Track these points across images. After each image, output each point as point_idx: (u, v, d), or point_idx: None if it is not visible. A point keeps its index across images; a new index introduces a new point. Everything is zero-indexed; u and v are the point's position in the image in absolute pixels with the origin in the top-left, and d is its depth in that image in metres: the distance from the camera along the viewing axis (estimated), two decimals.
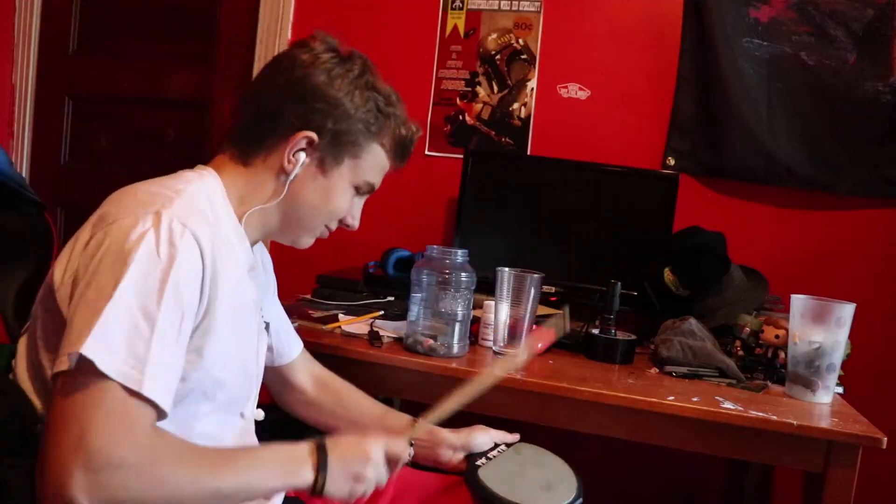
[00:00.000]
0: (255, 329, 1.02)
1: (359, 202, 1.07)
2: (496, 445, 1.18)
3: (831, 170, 1.84)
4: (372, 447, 0.91)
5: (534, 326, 1.43)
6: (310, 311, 1.59)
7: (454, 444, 1.16)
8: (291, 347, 1.22)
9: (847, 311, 1.30)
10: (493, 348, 1.43)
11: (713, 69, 1.88)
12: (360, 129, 0.98)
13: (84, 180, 2.46)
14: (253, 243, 1.01)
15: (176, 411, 0.84)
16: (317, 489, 0.86)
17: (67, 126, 2.52)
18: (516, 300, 1.38)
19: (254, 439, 1.06)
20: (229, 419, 0.98)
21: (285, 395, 1.22)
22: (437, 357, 1.36)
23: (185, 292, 0.80)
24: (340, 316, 1.57)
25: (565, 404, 1.27)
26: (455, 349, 1.38)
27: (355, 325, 1.50)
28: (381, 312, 1.61)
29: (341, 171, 0.99)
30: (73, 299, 0.78)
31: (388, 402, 2.02)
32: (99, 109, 2.49)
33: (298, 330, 1.45)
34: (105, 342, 0.73)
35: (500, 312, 1.41)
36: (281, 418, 1.22)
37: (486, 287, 1.48)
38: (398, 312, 1.59)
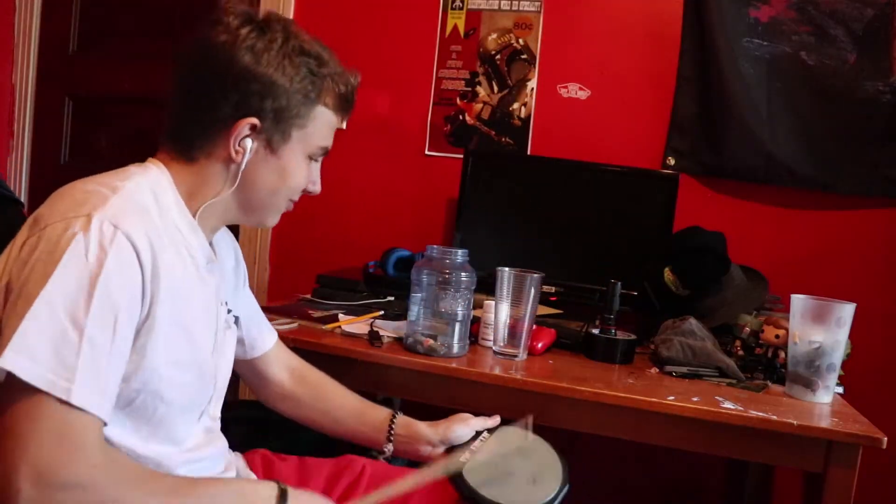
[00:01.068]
0: (213, 324, 0.99)
1: (316, 167, 1.03)
2: (477, 434, 1.16)
3: (831, 170, 1.84)
4: None
5: (534, 327, 1.44)
6: (310, 311, 1.59)
7: (432, 439, 1.14)
8: (264, 340, 1.19)
9: (847, 311, 1.30)
10: (493, 348, 1.43)
11: (713, 69, 1.88)
12: (300, 99, 0.94)
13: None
14: (211, 234, 0.99)
15: (131, 414, 0.84)
16: None
17: (67, 126, 2.53)
18: (516, 300, 1.38)
19: (220, 440, 1.04)
20: (190, 419, 0.95)
21: (262, 389, 1.20)
22: (438, 357, 1.36)
23: (117, 296, 0.77)
24: (340, 316, 1.57)
25: (565, 404, 1.27)
26: (455, 349, 1.38)
27: (355, 325, 1.50)
28: (382, 312, 1.61)
29: (292, 146, 0.96)
30: (6, 307, 0.76)
31: (388, 402, 2.03)
32: (99, 109, 2.49)
33: (299, 330, 1.46)
34: (28, 351, 0.71)
35: (500, 312, 1.41)
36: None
37: (486, 287, 1.48)
38: (398, 312, 1.59)
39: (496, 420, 1.19)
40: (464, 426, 1.15)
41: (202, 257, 0.95)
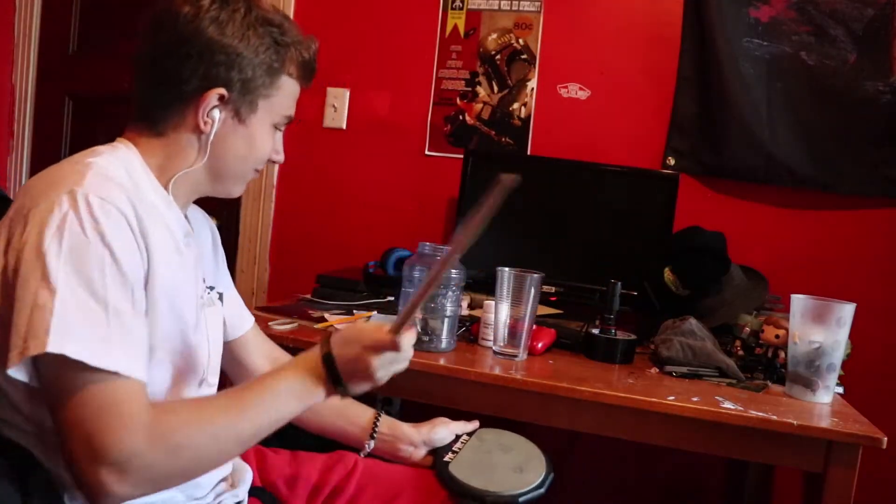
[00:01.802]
0: (193, 298, 0.98)
1: (279, 136, 1.03)
2: (458, 437, 1.18)
3: (831, 170, 1.84)
4: (375, 368, 0.88)
5: (534, 327, 1.44)
6: (309, 311, 1.59)
7: (414, 440, 1.16)
8: (243, 321, 1.18)
9: (847, 311, 1.30)
10: (493, 348, 1.43)
11: (713, 69, 1.88)
12: (265, 69, 0.94)
13: None
14: (183, 207, 0.99)
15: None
16: (341, 397, 0.88)
17: (67, 126, 2.53)
18: (516, 300, 1.38)
19: None
20: (191, 391, 0.96)
21: (241, 378, 1.18)
22: (425, 351, 1.36)
23: (123, 260, 0.79)
24: (326, 315, 1.56)
25: (565, 404, 1.27)
26: (443, 343, 1.39)
27: (348, 324, 1.50)
28: (375, 312, 1.61)
29: (259, 116, 0.96)
30: (13, 300, 0.75)
31: (388, 401, 2.03)
32: (99, 109, 2.49)
33: (298, 330, 1.46)
34: (68, 334, 0.73)
35: (500, 312, 1.41)
36: None
37: (486, 287, 1.48)
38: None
39: (476, 424, 1.22)
40: (445, 428, 1.18)
41: (179, 231, 0.95)
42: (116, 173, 0.87)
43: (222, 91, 0.92)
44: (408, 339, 0.90)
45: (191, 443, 0.77)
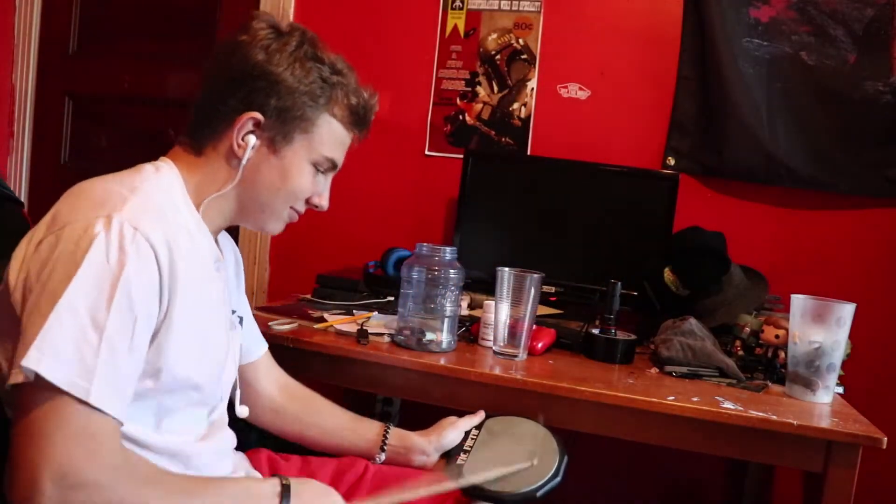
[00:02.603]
0: (224, 324, 1.00)
1: (324, 181, 1.04)
2: (467, 434, 1.18)
3: (831, 170, 1.84)
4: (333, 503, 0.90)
5: (534, 327, 1.44)
6: (309, 311, 1.59)
7: (426, 449, 1.16)
8: (257, 346, 1.20)
9: (847, 311, 1.30)
10: (493, 348, 1.43)
11: (713, 69, 1.88)
12: (306, 101, 0.95)
13: (84, 180, 2.46)
14: (215, 233, 1.00)
15: (146, 408, 0.85)
16: None
17: (67, 126, 2.53)
18: (516, 300, 1.38)
19: (227, 434, 1.05)
20: (201, 415, 0.97)
21: (251, 402, 1.16)
22: (426, 352, 1.37)
23: (137, 298, 0.79)
24: (326, 315, 1.56)
25: (565, 404, 1.27)
26: (444, 344, 1.39)
27: (348, 324, 1.50)
28: (375, 312, 1.61)
29: (294, 149, 0.97)
30: (26, 304, 0.77)
31: (388, 402, 2.03)
32: (99, 109, 2.49)
33: (298, 330, 1.46)
34: (52, 352, 0.72)
35: (500, 312, 1.41)
36: None
37: (487, 287, 1.48)
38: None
39: (482, 415, 1.22)
40: (453, 430, 1.17)
41: (210, 257, 0.96)
42: (160, 201, 0.88)
43: (257, 115, 0.93)
44: None
45: (137, 502, 0.76)
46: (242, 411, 1.09)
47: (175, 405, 0.90)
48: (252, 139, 0.94)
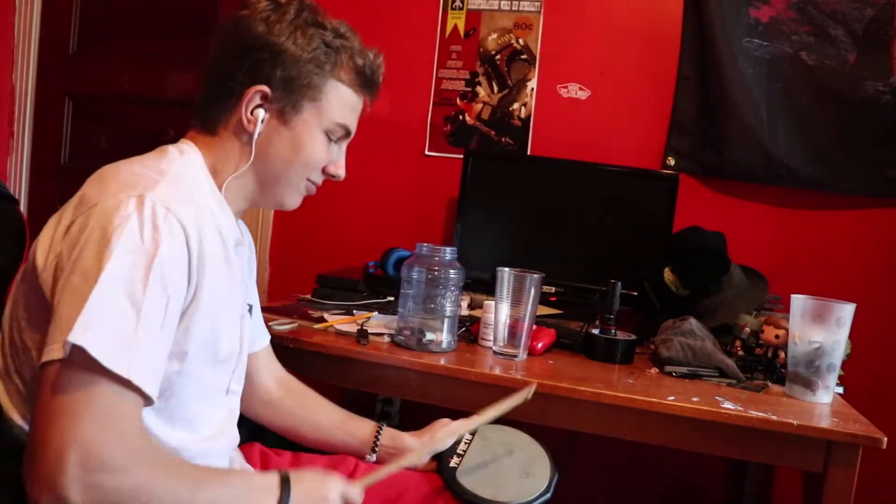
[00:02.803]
0: (239, 308, 1.00)
1: (338, 149, 1.03)
2: (460, 437, 1.18)
3: (831, 170, 1.84)
4: (331, 489, 0.91)
5: (534, 327, 1.44)
6: (309, 311, 1.59)
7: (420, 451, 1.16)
8: (262, 336, 1.20)
9: (847, 311, 1.30)
10: (493, 348, 1.43)
11: (713, 69, 1.88)
12: (312, 69, 0.95)
13: (84, 180, 2.46)
14: (237, 214, 1.00)
15: (164, 398, 0.85)
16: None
17: (67, 126, 2.53)
18: (516, 300, 1.38)
19: (233, 428, 1.05)
20: (214, 403, 0.98)
21: (248, 394, 1.15)
22: (426, 352, 1.37)
23: (170, 278, 0.79)
24: (326, 315, 1.56)
25: (565, 404, 1.27)
26: (444, 345, 1.39)
27: (348, 324, 1.50)
28: (375, 312, 1.61)
29: (304, 118, 0.96)
30: (57, 285, 0.77)
31: (387, 402, 2.03)
32: (99, 109, 2.49)
33: (298, 330, 1.46)
34: (94, 329, 0.73)
35: (500, 312, 1.41)
36: None
37: (487, 287, 1.48)
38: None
39: (476, 420, 1.20)
40: (447, 432, 1.17)
41: (231, 238, 0.95)
42: (188, 186, 0.88)
43: (264, 88, 0.93)
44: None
45: (157, 488, 0.76)
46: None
47: (190, 392, 0.90)
48: (261, 112, 0.94)
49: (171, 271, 0.79)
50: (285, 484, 0.87)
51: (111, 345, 0.73)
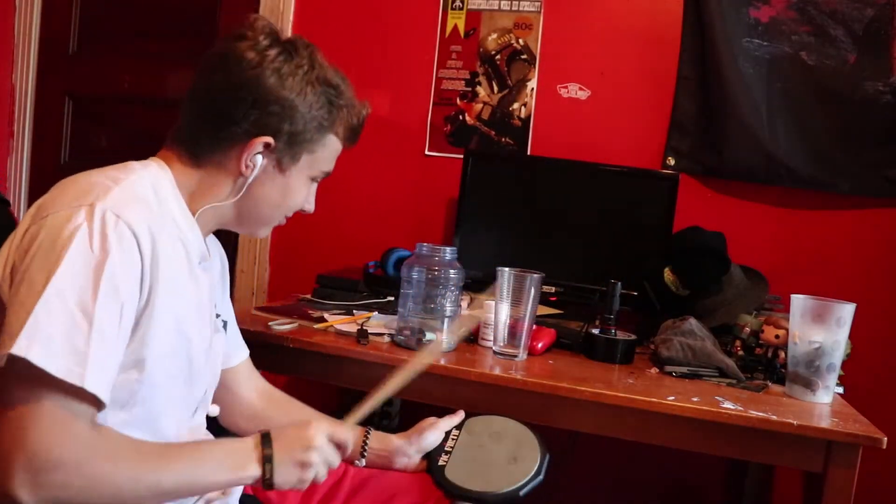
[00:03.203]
0: (207, 322, 1.00)
1: (314, 188, 1.07)
2: (448, 434, 1.18)
3: (831, 170, 1.84)
4: (315, 433, 0.90)
5: (534, 327, 1.44)
6: (310, 311, 1.59)
7: (407, 451, 1.16)
8: (240, 351, 1.19)
9: (847, 311, 1.30)
10: (493, 348, 1.43)
11: (713, 69, 1.88)
12: (315, 126, 0.97)
13: None
14: (205, 234, 1.00)
15: (126, 407, 0.85)
16: (265, 482, 0.86)
17: (67, 126, 2.53)
18: (516, 300, 1.38)
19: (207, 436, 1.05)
20: (181, 417, 0.97)
21: (228, 407, 1.16)
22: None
23: (121, 285, 0.79)
24: (326, 315, 1.56)
25: (565, 404, 1.27)
26: (444, 345, 1.39)
27: (348, 324, 1.50)
28: (375, 312, 1.61)
29: (299, 167, 0.99)
30: (13, 300, 0.77)
31: (387, 401, 2.03)
32: (99, 109, 2.49)
33: (298, 330, 1.46)
34: (40, 339, 0.73)
35: (499, 312, 1.41)
36: None
37: (486, 287, 1.48)
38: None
39: (461, 415, 1.22)
40: (433, 430, 1.17)
41: (196, 254, 0.96)
42: (144, 193, 0.88)
43: (269, 140, 0.94)
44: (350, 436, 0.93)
45: (111, 477, 0.76)
46: (213, 410, 1.09)
47: (157, 405, 0.89)
48: (260, 160, 0.95)
49: (122, 277, 0.79)
50: (265, 440, 0.87)
51: (59, 353, 0.73)
